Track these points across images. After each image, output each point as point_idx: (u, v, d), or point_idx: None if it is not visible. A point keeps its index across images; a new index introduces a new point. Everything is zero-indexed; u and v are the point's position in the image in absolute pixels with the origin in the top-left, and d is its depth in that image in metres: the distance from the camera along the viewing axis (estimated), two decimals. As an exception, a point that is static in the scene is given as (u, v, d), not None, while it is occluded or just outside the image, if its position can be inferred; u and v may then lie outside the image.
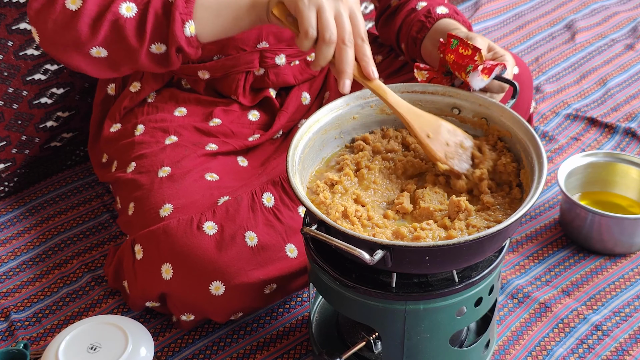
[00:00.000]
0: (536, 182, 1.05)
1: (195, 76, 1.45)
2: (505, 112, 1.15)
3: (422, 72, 1.23)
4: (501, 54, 1.22)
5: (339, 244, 0.98)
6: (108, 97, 1.51)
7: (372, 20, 2.03)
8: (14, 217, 1.59)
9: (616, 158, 1.55)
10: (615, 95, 1.90)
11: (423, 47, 1.37)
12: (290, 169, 1.07)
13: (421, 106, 1.20)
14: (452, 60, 1.17)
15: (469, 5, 2.25)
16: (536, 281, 1.43)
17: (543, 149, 1.08)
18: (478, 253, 1.03)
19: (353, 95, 1.20)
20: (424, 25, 1.37)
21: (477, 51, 1.15)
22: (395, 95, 1.14)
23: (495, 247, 1.05)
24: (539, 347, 1.32)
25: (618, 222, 1.44)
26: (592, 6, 2.24)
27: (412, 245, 0.99)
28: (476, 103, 1.18)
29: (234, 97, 1.46)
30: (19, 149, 1.61)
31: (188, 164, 1.34)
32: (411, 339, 1.11)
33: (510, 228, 1.02)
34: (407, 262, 1.01)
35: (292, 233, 1.29)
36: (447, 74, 1.21)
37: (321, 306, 1.32)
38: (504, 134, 1.16)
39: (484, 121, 1.18)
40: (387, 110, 1.22)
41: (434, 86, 1.20)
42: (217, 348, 1.33)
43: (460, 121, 1.20)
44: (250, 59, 1.43)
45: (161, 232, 1.24)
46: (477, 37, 1.22)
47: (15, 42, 1.51)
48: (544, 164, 1.07)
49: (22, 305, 1.41)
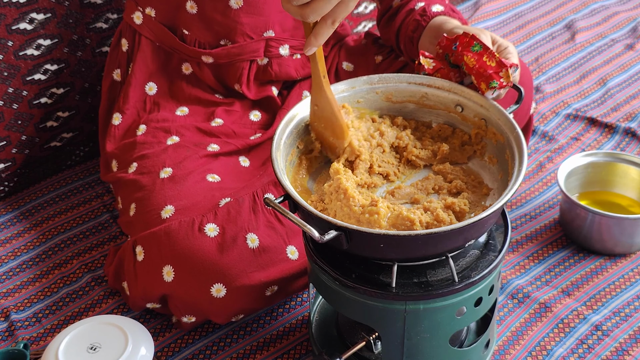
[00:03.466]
0: (506, 194, 1.03)
1: (198, 59, 1.45)
2: (502, 116, 1.15)
3: (428, 60, 1.22)
4: (505, 46, 1.22)
5: (292, 218, 1.01)
6: (114, 83, 1.51)
7: (372, 20, 2.03)
8: (14, 217, 1.59)
9: (616, 158, 1.55)
10: (615, 95, 1.90)
11: (420, 45, 1.38)
12: (276, 140, 1.12)
13: (427, 99, 1.22)
14: (472, 65, 1.16)
15: (469, 5, 2.25)
16: (536, 281, 1.43)
17: (526, 159, 1.08)
18: (435, 247, 1.04)
19: (360, 80, 1.22)
20: (420, 24, 1.38)
21: (503, 67, 1.14)
22: (318, 67, 1.13)
23: (455, 243, 1.05)
24: (539, 347, 1.32)
25: (618, 222, 1.44)
26: (592, 6, 2.24)
27: (364, 231, 1.00)
28: (478, 104, 1.18)
29: (237, 87, 1.46)
30: (19, 149, 1.61)
31: (190, 165, 1.34)
32: (411, 339, 1.11)
33: (465, 229, 1.01)
34: (364, 246, 1.03)
35: (293, 235, 1.29)
36: (454, 67, 1.21)
37: (321, 306, 1.32)
38: (498, 137, 1.16)
39: (483, 122, 1.18)
40: (392, 98, 1.23)
41: (441, 81, 1.20)
42: (217, 348, 1.33)
43: (461, 119, 1.21)
44: (256, 48, 1.43)
45: (162, 233, 1.24)
46: (480, 31, 1.22)
47: (15, 42, 1.51)
48: (521, 175, 1.05)
49: (22, 305, 1.41)
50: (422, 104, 1.23)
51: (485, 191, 1.14)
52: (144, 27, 1.45)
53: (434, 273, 1.08)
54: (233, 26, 1.41)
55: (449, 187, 1.15)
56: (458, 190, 1.14)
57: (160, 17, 1.44)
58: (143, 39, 1.46)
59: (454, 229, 0.99)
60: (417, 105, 1.23)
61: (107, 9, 1.62)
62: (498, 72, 1.15)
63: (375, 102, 1.23)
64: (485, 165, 1.18)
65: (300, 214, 1.07)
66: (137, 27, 1.46)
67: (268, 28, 1.43)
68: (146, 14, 1.44)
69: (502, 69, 1.14)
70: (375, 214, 1.04)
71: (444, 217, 1.06)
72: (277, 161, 1.09)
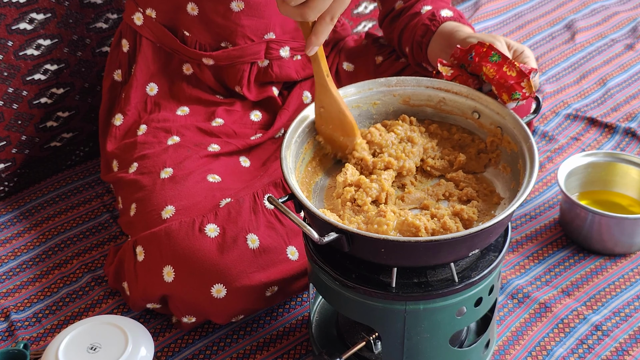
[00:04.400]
0: (517, 199, 1.04)
1: (199, 60, 1.45)
2: (517, 125, 1.14)
3: (446, 68, 1.21)
4: (520, 50, 1.22)
5: (293, 218, 1.00)
6: (115, 83, 1.51)
7: (372, 20, 2.03)
8: (14, 217, 1.59)
9: (616, 158, 1.55)
10: (615, 95, 1.90)
11: (429, 50, 1.37)
12: (287, 139, 1.11)
13: (444, 104, 1.21)
14: (492, 75, 1.15)
15: (469, 5, 2.25)
16: (536, 281, 1.43)
17: (537, 169, 1.08)
18: (436, 255, 1.03)
19: (377, 82, 1.22)
20: (429, 28, 1.37)
21: (524, 77, 1.13)
22: (320, 66, 1.13)
23: (458, 252, 1.04)
24: (539, 347, 1.32)
25: (618, 222, 1.44)
26: (592, 6, 2.24)
27: (364, 235, 0.99)
28: (495, 111, 1.17)
29: (238, 89, 1.46)
30: (19, 149, 1.61)
31: (190, 165, 1.34)
32: (411, 339, 1.11)
33: (468, 238, 1.00)
34: (365, 250, 1.02)
35: (293, 235, 1.29)
36: (472, 75, 1.20)
37: (321, 306, 1.32)
38: (512, 147, 1.15)
39: (499, 130, 1.17)
40: (410, 102, 1.23)
41: (459, 86, 1.20)
42: (217, 348, 1.33)
43: (478, 126, 1.20)
44: (257, 50, 1.43)
45: (163, 234, 1.24)
46: (493, 38, 1.22)
47: (15, 42, 1.51)
48: (529, 187, 1.05)
49: (22, 305, 1.41)
50: (440, 108, 1.22)
51: (496, 200, 1.13)
52: (144, 28, 1.45)
53: (434, 273, 1.08)
54: (234, 28, 1.41)
55: (459, 194, 1.13)
56: (468, 198, 1.13)
57: (160, 19, 1.44)
58: (144, 39, 1.46)
59: (456, 238, 0.98)
60: (435, 110, 1.22)
61: (107, 9, 1.62)
62: (519, 82, 1.13)
63: (392, 104, 1.23)
64: (499, 174, 1.17)
65: (305, 215, 1.06)
66: (137, 28, 1.46)
67: (269, 30, 1.43)
68: (147, 15, 1.44)
69: (524, 79, 1.13)
70: (384, 224, 1.04)
71: (450, 224, 1.05)
72: (285, 160, 1.08)
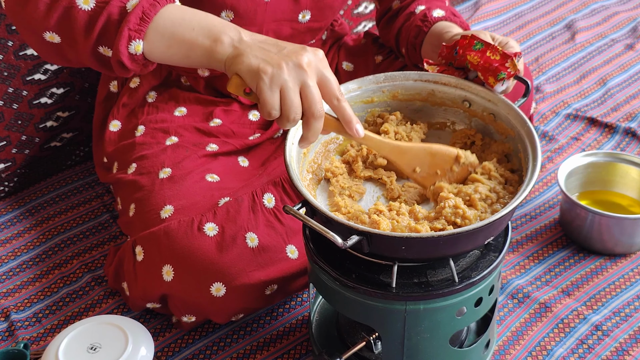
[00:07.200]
0: (525, 184, 1.05)
1: (194, 73, 1.45)
2: (512, 111, 1.15)
3: (433, 67, 1.22)
4: (505, 41, 1.22)
5: (315, 225, 0.99)
6: (110, 94, 1.51)
7: (372, 20, 2.03)
8: (14, 217, 1.59)
9: (616, 158, 1.55)
10: (615, 95, 1.90)
11: (423, 51, 1.37)
12: (290, 137, 1.10)
13: (434, 96, 1.21)
14: (476, 62, 1.16)
15: (469, 5, 2.25)
16: (536, 281, 1.43)
17: (540, 153, 1.08)
18: (454, 247, 1.04)
19: (366, 79, 1.22)
20: (421, 29, 1.37)
21: (507, 58, 1.14)
22: (377, 137, 1.13)
23: (475, 243, 1.05)
24: (539, 347, 1.32)
25: (618, 222, 1.44)
26: (592, 6, 2.25)
27: (386, 235, 1.00)
28: (485, 98, 1.18)
29: (234, 96, 1.46)
30: (19, 149, 1.61)
31: (189, 165, 1.34)
32: (411, 339, 1.11)
33: (486, 228, 1.01)
34: (384, 249, 1.02)
35: (292, 234, 1.29)
36: (459, 69, 1.21)
37: (321, 306, 1.32)
38: (508, 132, 1.16)
39: (491, 117, 1.18)
40: (399, 96, 1.23)
41: (447, 77, 1.20)
42: (217, 348, 1.33)
43: (470, 114, 1.21)
44: None
45: (162, 233, 1.24)
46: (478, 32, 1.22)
47: (15, 42, 1.51)
48: (537, 167, 1.06)
49: (22, 305, 1.41)
50: (430, 100, 1.23)
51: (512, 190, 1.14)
52: None
53: (434, 273, 1.08)
54: None
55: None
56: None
57: None
58: None
59: (475, 228, 0.99)
60: (425, 103, 1.23)
61: (107, 9, 1.62)
62: (504, 63, 1.14)
63: (382, 101, 1.23)
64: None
65: (319, 220, 1.03)
66: None
67: None
68: None
69: (507, 59, 1.14)
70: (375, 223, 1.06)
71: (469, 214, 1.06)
72: (291, 166, 1.07)
